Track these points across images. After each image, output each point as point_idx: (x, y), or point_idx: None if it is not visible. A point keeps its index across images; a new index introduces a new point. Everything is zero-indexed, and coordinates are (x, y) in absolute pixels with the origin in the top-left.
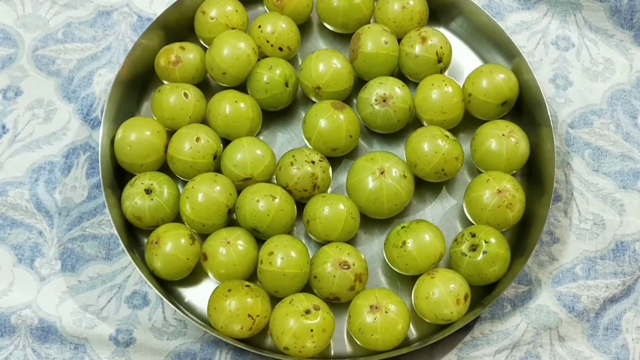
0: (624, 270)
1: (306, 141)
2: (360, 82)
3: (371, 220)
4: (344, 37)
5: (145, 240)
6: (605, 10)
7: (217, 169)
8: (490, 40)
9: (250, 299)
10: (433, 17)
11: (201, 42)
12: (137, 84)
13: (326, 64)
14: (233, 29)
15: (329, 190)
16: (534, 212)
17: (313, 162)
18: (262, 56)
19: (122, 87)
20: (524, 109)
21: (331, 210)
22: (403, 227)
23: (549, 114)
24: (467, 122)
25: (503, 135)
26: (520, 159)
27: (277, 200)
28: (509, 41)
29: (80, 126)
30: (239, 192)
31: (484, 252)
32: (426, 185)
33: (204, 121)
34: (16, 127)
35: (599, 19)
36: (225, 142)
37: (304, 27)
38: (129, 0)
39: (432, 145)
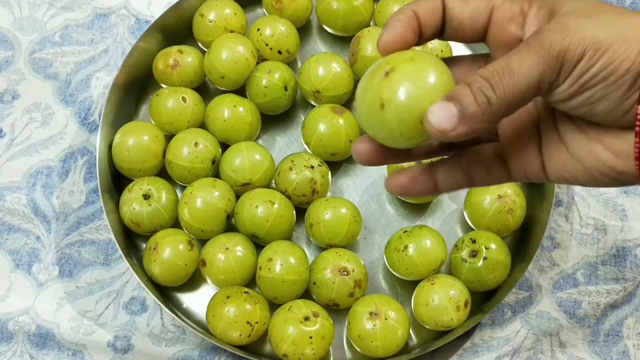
0: (625, 276)
1: (305, 145)
2: None
3: (371, 226)
4: (343, 40)
5: (144, 245)
6: None
7: (216, 174)
8: None
9: (249, 305)
10: None
11: (200, 45)
12: (135, 88)
13: (326, 68)
14: (232, 32)
15: (328, 195)
16: (535, 217)
17: (312, 167)
18: (261, 60)
19: (120, 91)
20: None
21: (334, 213)
22: (405, 231)
23: None
24: None
25: None
26: None
27: (276, 205)
28: None
29: (77, 130)
30: (237, 197)
31: (484, 258)
32: None
33: (203, 125)
34: (13, 131)
35: None
36: (224, 146)
37: (303, 30)
38: (127, 2)
39: None
